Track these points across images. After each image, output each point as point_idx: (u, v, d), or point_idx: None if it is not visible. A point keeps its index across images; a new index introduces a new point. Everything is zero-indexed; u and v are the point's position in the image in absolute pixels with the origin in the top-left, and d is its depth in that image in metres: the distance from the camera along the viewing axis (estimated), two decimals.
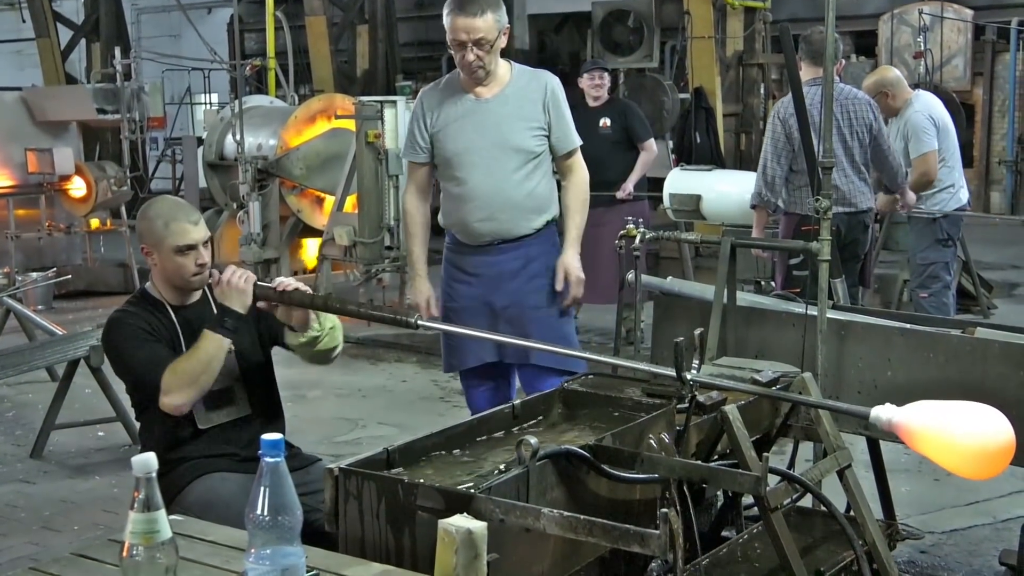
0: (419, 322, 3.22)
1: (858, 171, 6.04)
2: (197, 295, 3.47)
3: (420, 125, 4.31)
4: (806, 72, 5.89)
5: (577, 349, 4.34)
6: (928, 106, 6.86)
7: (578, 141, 4.34)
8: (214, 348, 3.26)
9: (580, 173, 4.36)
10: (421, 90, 4.48)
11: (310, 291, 3.33)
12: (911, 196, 6.65)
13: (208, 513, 2.99)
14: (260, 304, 3.32)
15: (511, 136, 4.20)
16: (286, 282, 3.33)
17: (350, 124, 9.39)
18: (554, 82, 4.29)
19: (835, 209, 5.57)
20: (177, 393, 3.24)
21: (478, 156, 4.20)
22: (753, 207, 5.99)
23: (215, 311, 3.36)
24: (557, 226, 4.39)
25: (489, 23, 4.07)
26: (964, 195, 7.11)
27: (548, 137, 4.25)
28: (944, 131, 6.84)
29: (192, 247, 3.35)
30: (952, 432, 2.56)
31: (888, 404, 2.71)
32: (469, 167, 4.22)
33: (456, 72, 4.31)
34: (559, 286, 4.29)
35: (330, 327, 3.44)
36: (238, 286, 3.29)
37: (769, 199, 5.84)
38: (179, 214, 3.38)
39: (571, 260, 4.29)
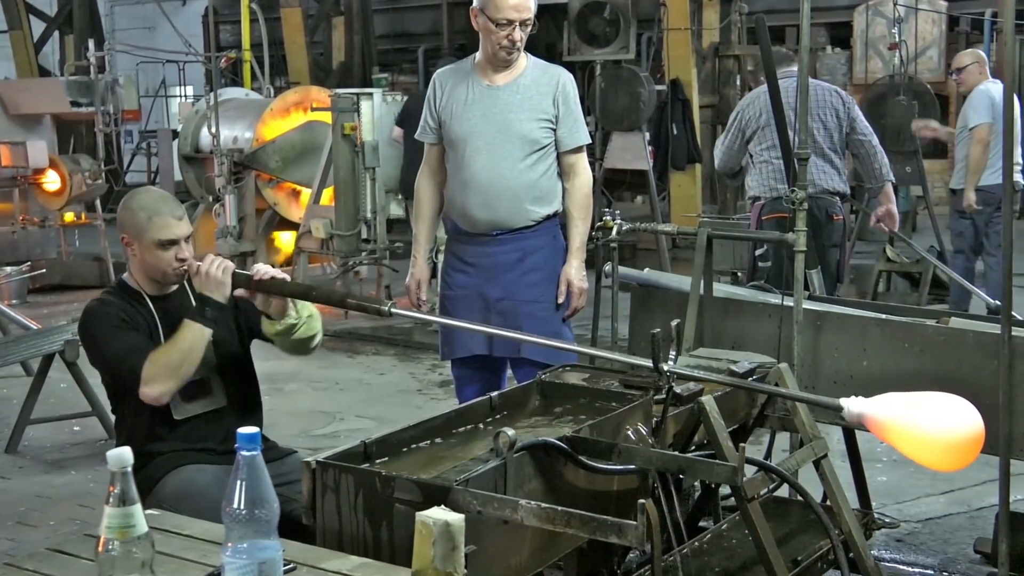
0: (392, 311, 3.22)
1: (822, 155, 6.11)
2: (175, 285, 3.46)
3: (431, 106, 4.32)
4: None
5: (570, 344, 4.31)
6: (991, 89, 7.84)
7: (585, 140, 4.33)
8: (194, 338, 3.26)
9: (583, 175, 4.33)
10: (436, 71, 4.47)
11: (288, 278, 3.33)
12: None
13: (183, 504, 3.02)
14: (238, 292, 3.31)
15: (518, 124, 4.19)
16: (263, 269, 3.32)
17: (326, 116, 9.36)
18: (567, 77, 4.30)
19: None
20: (157, 383, 3.23)
21: (482, 141, 4.20)
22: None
23: (194, 301, 3.35)
24: (561, 224, 4.38)
25: (534, 5, 4.14)
26: (1017, 178, 7.54)
27: (555, 131, 4.24)
28: (999, 115, 7.16)
29: (174, 242, 3.34)
30: (921, 424, 2.58)
31: (858, 396, 2.72)
32: (473, 152, 4.21)
33: (472, 57, 4.32)
34: (561, 298, 4.29)
35: (307, 315, 3.43)
36: (216, 276, 3.28)
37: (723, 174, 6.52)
38: (163, 208, 3.37)
39: (574, 271, 4.29)
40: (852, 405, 2.70)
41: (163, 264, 3.36)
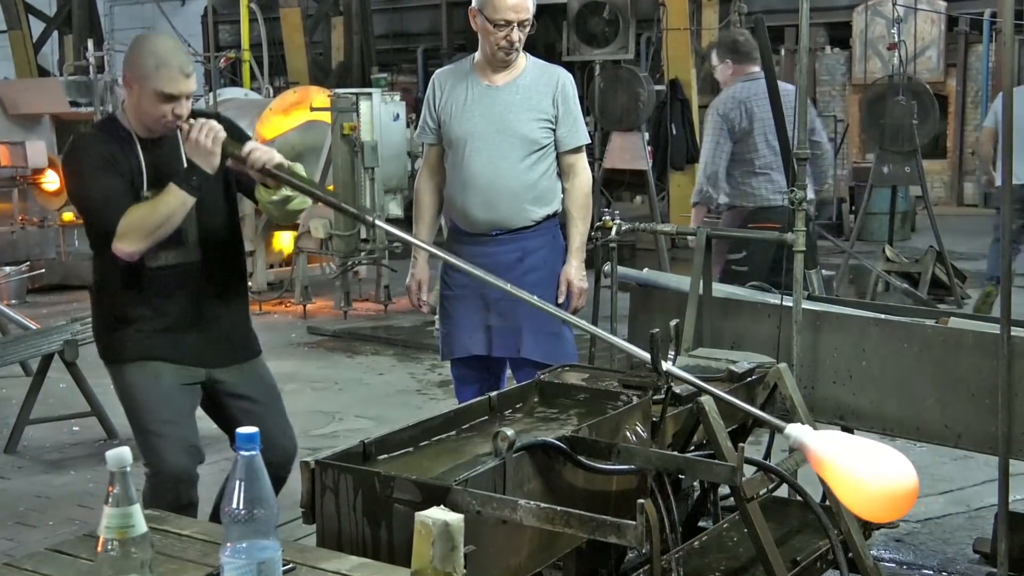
0: (376, 222, 3.36)
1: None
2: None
3: (430, 106, 4.32)
4: (736, 72, 6.02)
5: (570, 345, 4.31)
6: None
7: (585, 140, 4.33)
8: (176, 204, 3.26)
9: (583, 175, 4.32)
10: (435, 72, 4.47)
11: (280, 159, 3.31)
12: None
13: (132, 403, 3.39)
14: (229, 163, 3.33)
15: (517, 124, 4.19)
16: (256, 155, 3.29)
17: (325, 116, 9.36)
18: (566, 77, 4.30)
19: (778, 200, 5.65)
20: (130, 241, 3.26)
21: (482, 141, 4.19)
22: (694, 204, 6.06)
23: (184, 153, 3.32)
24: (560, 224, 4.37)
25: (532, 5, 4.14)
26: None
27: (555, 131, 4.24)
28: None
29: (175, 97, 3.26)
30: (855, 471, 2.52)
31: (806, 426, 2.70)
32: (472, 152, 4.21)
33: (471, 57, 4.32)
34: (561, 298, 4.29)
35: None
36: (206, 146, 3.25)
37: (711, 195, 5.98)
38: (173, 60, 3.27)
39: (574, 271, 4.29)
40: (796, 431, 2.66)
41: (158, 115, 3.28)
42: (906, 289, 8.75)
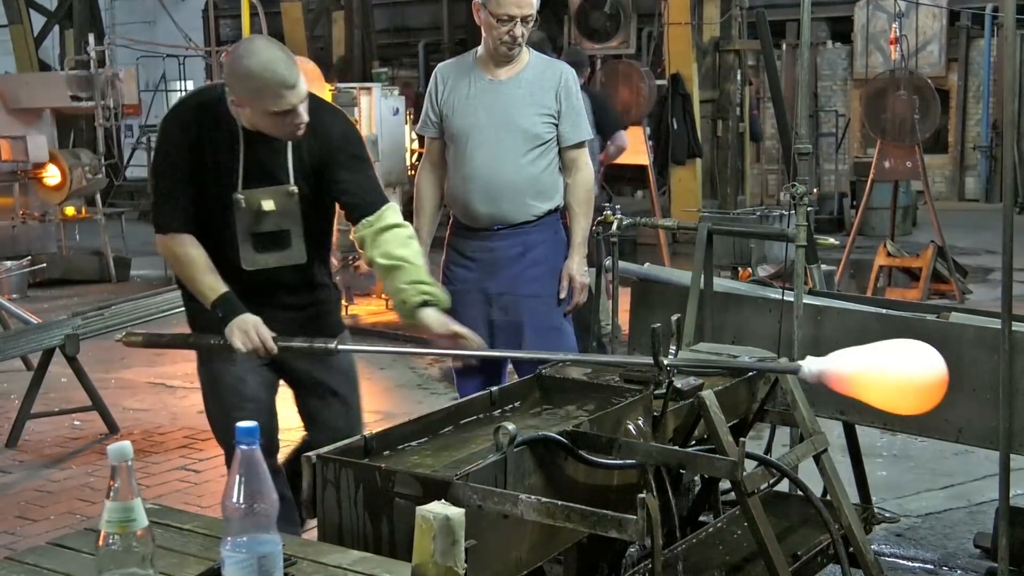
0: (339, 347, 3.25)
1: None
2: None
3: (432, 100, 4.31)
4: None
5: (571, 339, 4.31)
6: None
7: (587, 135, 4.31)
8: (201, 298, 3.23)
9: (585, 171, 4.31)
10: (438, 65, 4.46)
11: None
12: None
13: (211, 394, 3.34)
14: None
15: (519, 119, 4.18)
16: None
17: None
18: (569, 72, 4.29)
19: None
20: (163, 255, 3.33)
21: (483, 136, 4.18)
22: None
23: (291, 157, 3.18)
24: (563, 219, 4.37)
25: (536, 1, 4.12)
26: None
27: (557, 126, 4.23)
28: None
29: (289, 112, 3.07)
30: (885, 371, 2.58)
31: (810, 356, 2.73)
32: (474, 146, 4.20)
33: (474, 51, 4.31)
34: (563, 293, 4.28)
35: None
36: (255, 345, 3.18)
37: None
38: (274, 78, 3.01)
39: (575, 266, 4.28)
40: (811, 364, 2.70)
41: (277, 128, 3.11)
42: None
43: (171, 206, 3.23)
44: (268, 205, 3.19)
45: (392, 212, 3.33)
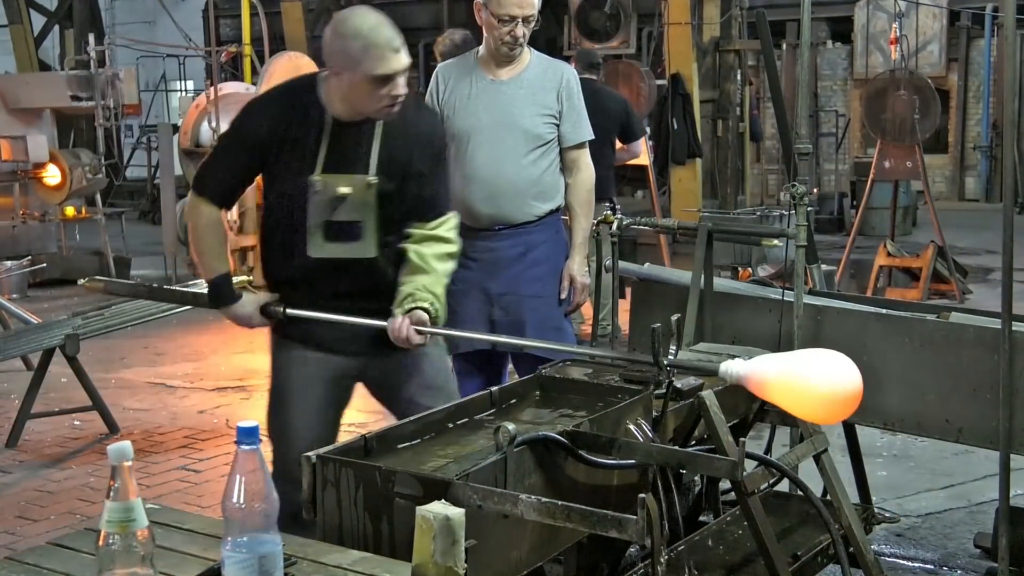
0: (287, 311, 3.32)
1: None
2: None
3: (433, 99, 4.30)
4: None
5: (571, 339, 4.31)
6: None
7: (588, 135, 4.30)
8: (201, 265, 3.38)
9: (586, 171, 4.30)
10: (438, 65, 4.45)
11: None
12: None
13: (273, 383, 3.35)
14: None
15: (520, 119, 4.18)
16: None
17: None
18: (571, 73, 4.29)
19: None
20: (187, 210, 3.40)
21: (485, 136, 4.18)
22: None
23: (376, 150, 3.14)
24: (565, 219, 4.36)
25: (538, 1, 4.11)
26: None
27: (558, 126, 4.23)
28: None
29: (391, 78, 3.02)
30: (804, 378, 2.61)
31: (737, 359, 2.77)
32: (475, 146, 4.20)
33: (475, 51, 4.30)
34: (564, 294, 4.28)
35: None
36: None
37: None
38: (381, 38, 3.00)
39: (576, 266, 4.28)
40: (731, 367, 2.74)
41: (374, 101, 3.05)
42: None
43: (217, 175, 3.29)
44: (344, 190, 3.15)
45: (448, 226, 3.33)
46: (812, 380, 2.61)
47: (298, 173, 3.15)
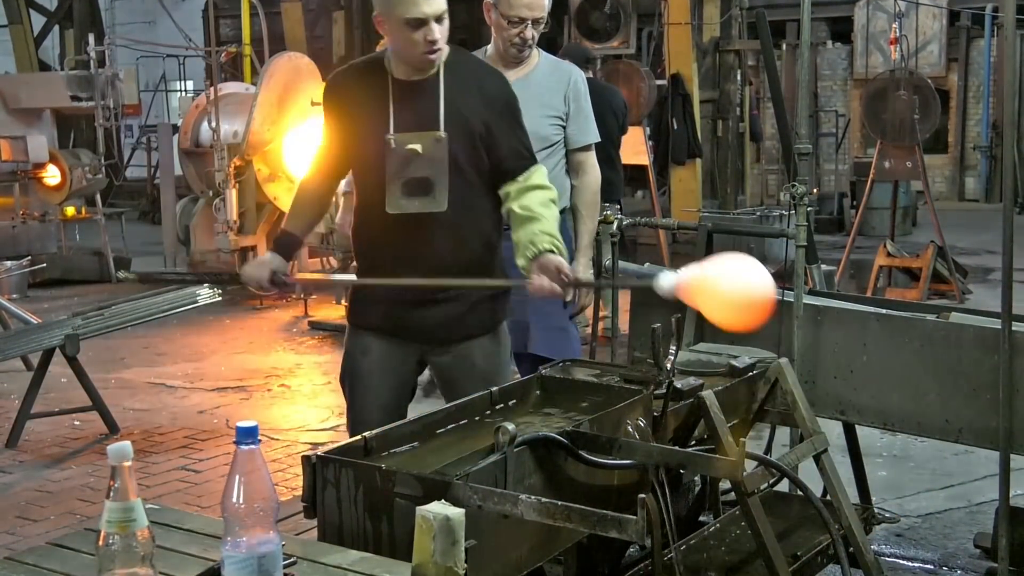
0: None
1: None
2: (430, 70, 3.27)
3: None
4: None
5: (576, 341, 4.29)
6: None
7: (595, 137, 4.28)
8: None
9: (592, 173, 4.28)
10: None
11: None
12: None
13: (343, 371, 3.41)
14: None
15: (527, 120, 4.15)
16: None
17: None
18: (578, 74, 4.27)
19: None
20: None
21: None
22: None
23: (442, 93, 3.25)
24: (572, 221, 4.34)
25: (547, 2, 4.10)
26: None
27: (565, 128, 4.21)
28: None
29: (422, 22, 3.13)
30: (720, 285, 2.72)
31: (670, 272, 2.89)
32: None
33: (483, 50, 4.28)
34: (568, 296, 4.26)
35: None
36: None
37: None
38: None
39: (581, 268, 4.25)
40: (664, 280, 2.83)
41: (412, 47, 3.16)
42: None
43: (316, 157, 3.51)
44: (414, 147, 3.25)
45: (539, 174, 3.40)
46: (727, 291, 2.71)
47: (376, 135, 3.28)
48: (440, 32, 3.18)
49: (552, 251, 3.21)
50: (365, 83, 3.33)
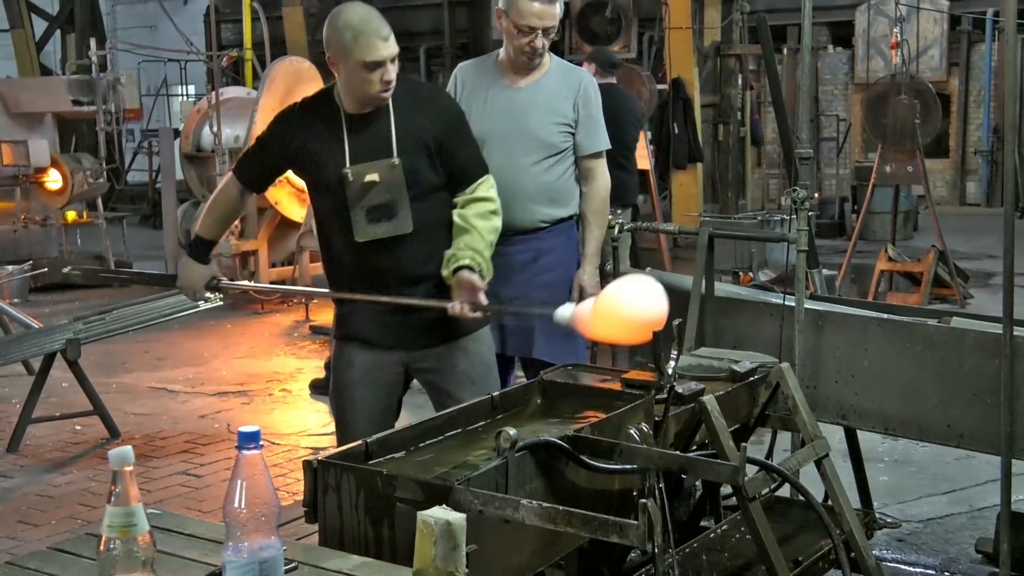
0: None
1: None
2: (378, 105, 3.43)
3: None
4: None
5: (581, 346, 4.29)
6: None
7: (604, 145, 4.25)
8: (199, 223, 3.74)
9: (601, 180, 4.25)
10: (458, 65, 4.43)
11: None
12: None
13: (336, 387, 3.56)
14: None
15: (536, 127, 4.14)
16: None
17: None
18: (588, 80, 4.25)
19: None
20: None
21: (499, 143, 4.12)
22: None
23: (393, 125, 3.39)
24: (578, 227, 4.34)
25: (559, 12, 4.13)
26: None
27: (574, 135, 4.20)
28: None
29: (380, 64, 3.29)
30: (611, 310, 2.93)
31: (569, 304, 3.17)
32: (489, 153, 4.12)
33: (495, 53, 4.26)
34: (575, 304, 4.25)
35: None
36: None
37: None
38: (369, 28, 3.30)
39: (587, 276, 4.24)
40: (562, 312, 3.12)
41: (368, 86, 3.32)
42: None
43: (249, 160, 3.68)
44: (373, 177, 3.40)
45: (486, 185, 3.55)
46: (617, 308, 2.92)
47: (333, 168, 3.42)
48: (394, 72, 3.35)
49: (470, 267, 3.37)
50: (319, 118, 3.47)
